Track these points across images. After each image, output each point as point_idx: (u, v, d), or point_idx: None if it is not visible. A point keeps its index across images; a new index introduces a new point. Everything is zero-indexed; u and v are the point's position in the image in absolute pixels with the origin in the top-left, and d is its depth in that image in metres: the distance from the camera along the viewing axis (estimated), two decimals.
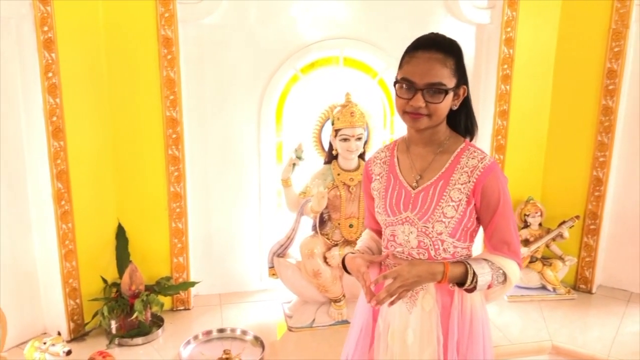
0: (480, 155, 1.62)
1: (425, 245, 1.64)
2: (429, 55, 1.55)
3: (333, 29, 3.10)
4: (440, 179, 1.63)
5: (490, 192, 1.60)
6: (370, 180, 1.78)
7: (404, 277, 1.51)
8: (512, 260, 1.64)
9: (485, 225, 1.66)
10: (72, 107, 2.60)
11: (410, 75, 1.55)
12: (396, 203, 1.68)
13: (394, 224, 1.68)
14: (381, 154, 1.79)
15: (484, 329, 1.72)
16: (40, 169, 2.59)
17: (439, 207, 1.61)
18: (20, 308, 2.66)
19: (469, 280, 1.56)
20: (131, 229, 2.95)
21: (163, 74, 2.80)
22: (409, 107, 1.56)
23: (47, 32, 2.46)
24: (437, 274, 1.56)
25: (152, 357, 2.63)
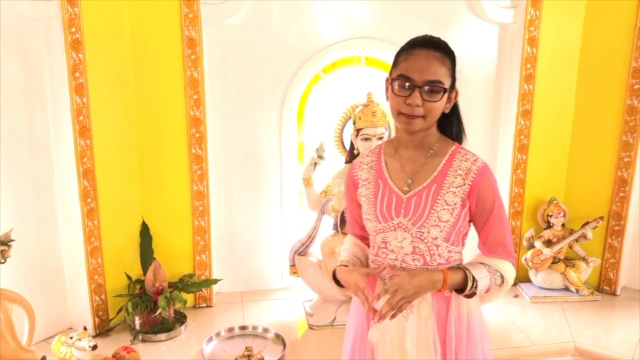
0: (472, 157, 1.61)
1: (420, 251, 1.60)
2: (428, 52, 1.54)
3: (355, 29, 3.11)
4: (434, 182, 1.60)
5: (485, 194, 1.59)
6: (356, 186, 1.73)
7: (405, 288, 1.49)
8: (507, 261, 1.64)
9: (480, 228, 1.65)
10: (98, 107, 2.65)
11: (408, 72, 1.52)
12: (387, 209, 1.64)
13: (385, 231, 1.64)
14: (367, 159, 1.74)
15: (481, 332, 1.71)
16: (67, 167, 2.64)
17: (434, 211, 1.58)
18: (46, 303, 2.70)
19: (469, 286, 1.55)
20: (155, 227, 2.99)
21: (187, 74, 2.84)
22: (406, 106, 1.52)
23: (74, 33, 2.51)
24: (438, 282, 1.53)
25: (175, 353, 2.67)
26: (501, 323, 2.92)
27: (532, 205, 3.31)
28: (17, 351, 2.26)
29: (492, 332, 2.81)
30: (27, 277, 2.59)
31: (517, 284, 3.34)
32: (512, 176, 3.25)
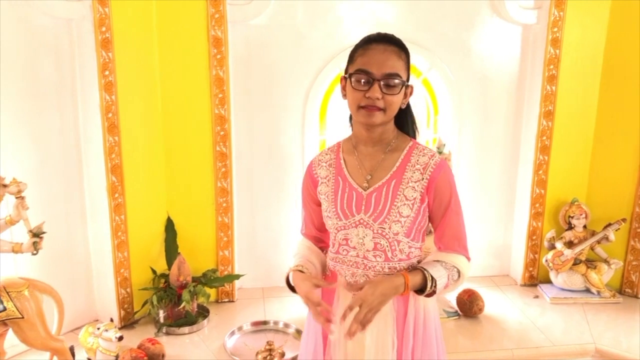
0: (429, 152, 1.62)
1: (382, 247, 1.61)
2: (384, 47, 1.55)
3: (378, 29, 3.10)
4: (393, 177, 1.61)
5: (442, 189, 1.60)
6: (315, 184, 1.73)
7: (369, 300, 1.48)
8: (462, 255, 1.65)
9: (437, 223, 1.66)
10: (126, 104, 2.71)
11: (366, 66, 1.53)
12: (347, 206, 1.64)
13: (346, 228, 1.64)
14: (325, 156, 1.73)
15: (436, 330, 1.72)
16: (96, 163, 2.71)
17: (394, 207, 1.59)
18: (74, 295, 2.76)
19: (428, 286, 1.55)
20: (180, 222, 3.06)
21: (212, 73, 2.90)
22: (365, 100, 1.52)
23: (104, 33, 2.58)
24: (400, 287, 1.53)
25: (197, 346, 2.72)
26: (521, 323, 2.93)
27: (554, 206, 3.31)
28: (48, 340, 2.33)
29: (512, 332, 2.83)
30: (56, 270, 2.66)
31: (538, 285, 3.34)
32: (533, 177, 3.25)
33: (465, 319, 2.96)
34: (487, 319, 2.97)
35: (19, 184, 2.18)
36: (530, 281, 3.39)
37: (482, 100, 3.29)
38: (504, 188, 3.42)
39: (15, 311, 2.21)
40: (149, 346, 2.52)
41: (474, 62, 3.23)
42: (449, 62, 3.20)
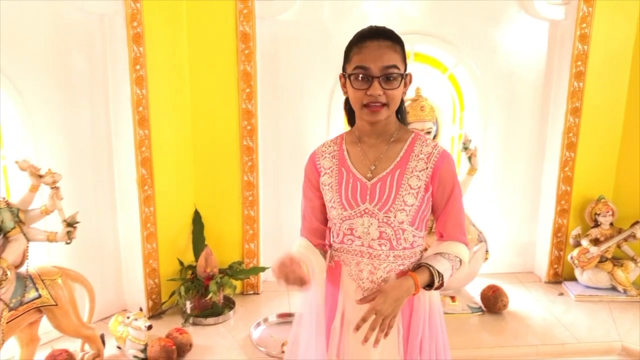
0: (432, 143, 1.66)
1: (387, 235, 1.63)
2: (378, 43, 1.56)
3: (404, 25, 3.14)
4: (397, 167, 1.63)
5: (446, 177, 1.63)
6: (318, 174, 1.74)
7: (383, 309, 1.52)
8: (461, 243, 1.69)
9: (439, 211, 1.68)
10: (156, 98, 2.77)
11: (363, 63, 1.54)
12: (352, 196, 1.66)
13: (351, 217, 1.66)
14: (328, 148, 1.75)
15: (440, 320, 1.76)
16: (126, 156, 2.77)
17: (399, 196, 1.61)
18: (103, 285, 2.81)
19: (436, 282, 1.60)
20: (207, 215, 3.11)
21: (240, 68, 2.93)
22: (367, 97, 1.54)
23: (136, 28, 2.63)
24: (411, 288, 1.57)
25: (224, 337, 2.77)
26: (545, 320, 2.92)
27: (580, 203, 3.29)
28: (80, 327, 2.39)
29: (537, 328, 2.83)
30: (86, 260, 2.71)
31: (562, 282, 3.32)
32: (559, 174, 3.23)
33: (489, 315, 2.96)
34: (512, 315, 2.96)
35: (54, 175, 2.24)
36: (554, 278, 3.37)
37: (508, 97, 3.28)
38: (529, 185, 3.41)
39: (49, 299, 2.27)
40: (176, 335, 2.57)
41: (501, 58, 3.22)
42: (475, 58, 3.19)
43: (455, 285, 2.97)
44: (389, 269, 1.66)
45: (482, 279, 3.11)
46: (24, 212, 2.25)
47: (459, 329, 2.81)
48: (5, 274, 2.10)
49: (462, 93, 3.35)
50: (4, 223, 2.17)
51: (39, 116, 2.50)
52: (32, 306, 2.24)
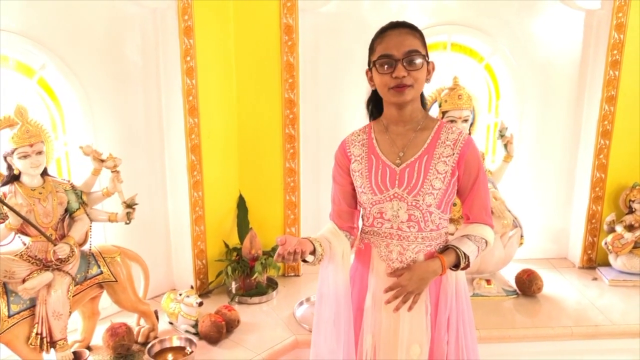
0: (457, 130, 1.78)
1: (415, 218, 1.76)
2: (399, 31, 1.71)
3: (442, 15, 3.22)
4: (425, 153, 1.75)
5: (471, 162, 1.76)
6: (348, 160, 1.86)
7: (407, 285, 1.70)
8: (487, 226, 1.83)
9: (465, 195, 1.81)
10: (205, 88, 2.90)
11: (387, 50, 1.67)
12: (382, 181, 1.77)
13: (381, 202, 1.78)
14: (358, 137, 1.88)
15: (466, 295, 1.90)
16: (177, 143, 2.91)
17: (427, 180, 1.73)
18: (154, 266, 2.91)
19: (462, 263, 1.75)
20: (250, 200, 3.24)
21: (283, 59, 3.05)
22: (392, 80, 1.67)
23: (187, 21, 2.76)
24: (437, 269, 1.74)
25: (269, 315, 2.90)
26: (579, 303, 2.99)
27: (614, 190, 3.34)
28: (137, 303, 2.56)
29: (571, 311, 2.90)
30: (139, 241, 2.83)
31: (596, 268, 3.39)
32: (594, 161, 3.28)
33: (523, 298, 3.04)
34: (546, 298, 3.04)
35: (114, 159, 2.39)
36: (588, 264, 3.43)
37: (543, 85, 3.33)
38: (563, 172, 3.46)
39: (110, 275, 2.43)
40: (225, 312, 2.71)
41: (536, 48, 3.27)
42: (511, 47, 3.25)
43: (490, 269, 3.05)
44: (417, 250, 1.79)
45: (517, 264, 3.19)
46: (86, 195, 2.41)
47: (494, 311, 2.90)
48: (72, 250, 2.27)
49: (498, 82, 3.41)
50: (70, 204, 2.34)
51: (98, 105, 2.65)
52: (94, 282, 2.40)
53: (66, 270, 2.27)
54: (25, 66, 2.47)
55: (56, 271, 2.24)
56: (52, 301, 2.20)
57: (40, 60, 2.46)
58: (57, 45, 2.47)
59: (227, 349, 2.58)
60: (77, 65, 2.55)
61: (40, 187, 2.24)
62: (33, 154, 2.16)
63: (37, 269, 2.20)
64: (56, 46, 2.46)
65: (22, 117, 2.16)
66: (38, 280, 2.16)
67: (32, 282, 2.15)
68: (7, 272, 2.13)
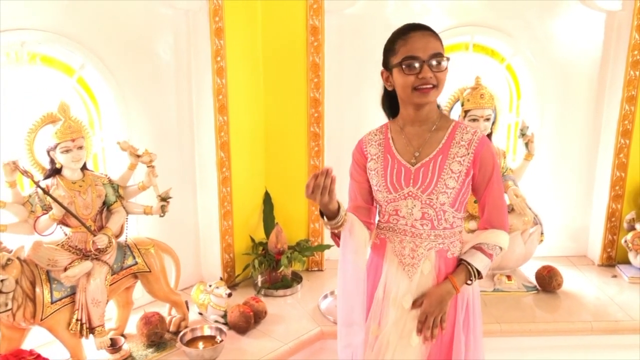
0: (472, 130, 1.81)
1: (429, 216, 1.80)
2: (422, 32, 1.74)
3: (464, 17, 3.28)
4: (439, 153, 1.79)
5: (486, 162, 1.79)
6: (365, 158, 1.91)
7: (431, 311, 1.78)
8: (501, 230, 1.85)
9: (480, 193, 1.84)
10: (234, 87, 3.00)
11: (412, 52, 1.70)
12: (397, 180, 1.81)
13: (396, 200, 1.82)
14: (374, 136, 1.93)
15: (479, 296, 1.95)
16: (207, 140, 3.01)
17: (441, 179, 1.77)
18: (183, 258, 2.97)
19: (473, 280, 1.83)
20: (276, 196, 3.34)
21: (309, 59, 3.14)
22: (418, 80, 1.70)
23: (217, 22, 2.86)
24: (451, 290, 1.80)
25: (294, 307, 2.99)
26: (599, 299, 3.03)
27: (634, 189, 3.38)
28: (169, 293, 2.66)
29: (590, 307, 2.95)
30: (169, 235, 2.92)
31: (616, 265, 3.43)
32: (614, 160, 3.32)
33: (543, 294, 3.09)
34: (565, 294, 3.09)
35: (150, 155, 2.50)
36: (608, 262, 3.47)
37: (564, 85, 3.38)
38: (583, 171, 3.51)
39: (144, 265, 2.54)
40: (253, 303, 2.81)
41: (557, 49, 3.33)
42: (532, 48, 3.31)
43: (511, 265, 3.11)
44: (429, 247, 1.83)
45: (537, 261, 3.24)
46: (123, 188, 2.53)
47: (514, 306, 2.95)
48: (110, 241, 2.38)
49: (519, 82, 3.47)
50: (107, 197, 2.45)
51: (133, 103, 2.76)
52: (129, 272, 2.51)
53: (104, 260, 2.38)
54: (65, 66, 2.59)
55: (95, 261, 2.35)
56: (91, 289, 2.30)
57: (79, 60, 2.57)
58: (95, 45, 2.58)
59: (255, 338, 2.67)
60: (114, 65, 2.66)
61: (80, 181, 2.36)
62: (74, 148, 2.28)
63: (78, 258, 2.31)
64: (95, 47, 2.58)
65: (64, 114, 2.27)
66: (79, 269, 2.27)
67: (73, 271, 2.26)
68: (50, 261, 2.24)
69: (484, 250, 1.83)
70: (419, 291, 1.84)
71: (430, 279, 1.84)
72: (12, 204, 2.21)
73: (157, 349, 2.54)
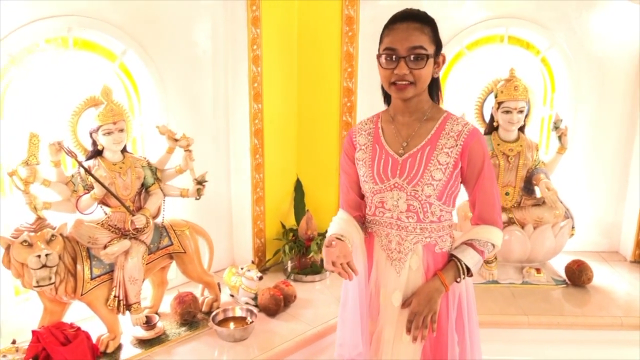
0: (463, 121, 1.76)
1: (414, 208, 1.76)
2: (407, 25, 1.68)
3: (499, 8, 3.27)
4: (427, 144, 1.74)
5: (475, 154, 1.73)
6: (354, 149, 1.86)
7: (421, 310, 1.71)
8: (494, 227, 1.80)
9: (471, 188, 1.79)
10: (269, 75, 3.06)
11: (391, 44, 1.66)
12: (383, 171, 1.77)
13: (382, 191, 1.78)
14: (365, 126, 1.88)
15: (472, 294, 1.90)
16: (241, 127, 3.08)
17: (427, 171, 1.72)
18: (216, 242, 3.02)
19: (461, 277, 1.77)
20: (307, 183, 3.39)
21: (343, 49, 3.17)
22: (394, 76, 1.66)
23: (255, 11, 2.91)
24: (440, 287, 1.75)
25: (323, 292, 3.04)
26: (630, 294, 3.01)
27: None
28: (203, 274, 2.74)
29: (621, 302, 2.93)
30: (204, 217, 2.99)
31: None
32: None
33: (573, 288, 3.08)
34: (595, 289, 3.07)
35: (188, 139, 2.57)
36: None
37: (600, 79, 3.35)
38: (617, 166, 3.47)
39: (179, 246, 2.62)
40: (283, 287, 2.86)
41: (594, 42, 3.29)
42: (568, 41, 3.28)
43: (540, 258, 3.11)
44: (416, 241, 1.80)
45: (567, 255, 3.23)
46: (161, 171, 2.61)
47: (543, 299, 2.95)
48: (148, 221, 2.46)
49: (554, 75, 3.45)
50: (146, 179, 2.53)
51: (171, 89, 2.84)
52: (165, 252, 2.59)
53: (142, 239, 2.46)
54: (108, 51, 2.68)
55: (133, 240, 2.43)
56: (129, 267, 2.39)
57: (121, 46, 2.66)
58: (137, 32, 2.66)
59: (284, 321, 2.73)
60: (154, 51, 2.74)
61: (120, 162, 2.44)
62: (116, 131, 2.36)
63: (117, 237, 2.40)
64: (136, 33, 2.66)
65: (107, 97, 2.35)
66: (118, 247, 2.36)
67: (112, 248, 2.34)
68: (91, 239, 2.33)
69: (475, 247, 1.79)
70: (408, 288, 1.81)
71: (419, 276, 1.81)
72: (56, 183, 2.31)
73: (189, 328, 2.62)
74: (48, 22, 2.35)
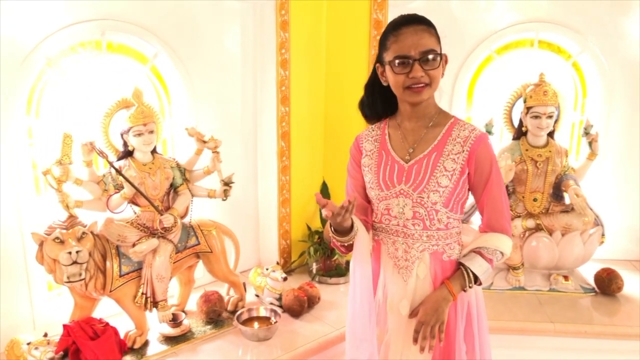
0: (470, 127, 1.73)
1: (420, 215, 1.73)
2: (414, 28, 1.66)
3: (530, 12, 3.24)
4: (434, 150, 1.72)
5: (483, 160, 1.70)
6: (360, 154, 1.87)
7: (428, 320, 1.68)
8: (502, 234, 1.77)
9: (479, 194, 1.76)
10: (296, 79, 3.09)
11: (403, 51, 1.64)
12: (389, 177, 1.76)
13: (388, 198, 1.76)
14: (372, 132, 1.88)
15: (481, 302, 1.87)
16: (269, 130, 3.12)
17: (433, 177, 1.70)
18: (242, 242, 3.06)
19: (468, 286, 1.74)
20: (333, 187, 3.40)
21: (371, 53, 3.18)
22: (409, 80, 1.64)
23: (283, 15, 2.95)
24: (447, 296, 1.72)
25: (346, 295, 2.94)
26: None
27: None
28: (229, 273, 2.78)
29: None
30: (231, 218, 3.04)
31: None
32: None
33: (602, 296, 3.02)
34: (625, 298, 3.01)
35: (215, 141, 2.62)
36: None
37: (633, 85, 3.28)
38: None
39: (206, 246, 2.66)
40: (307, 288, 2.88)
41: (628, 47, 3.23)
42: (601, 46, 3.23)
43: (569, 265, 3.06)
44: (422, 249, 1.77)
45: (596, 263, 3.17)
46: (189, 172, 2.66)
47: (570, 307, 2.90)
48: (176, 221, 2.51)
49: (585, 80, 3.39)
50: (174, 179, 2.59)
51: (201, 92, 2.90)
52: (192, 251, 2.64)
53: (169, 238, 2.51)
54: (140, 54, 2.75)
55: (161, 239, 2.49)
56: (157, 265, 2.45)
57: (153, 50, 2.72)
58: (168, 36, 2.73)
59: (308, 322, 2.75)
60: (184, 55, 2.80)
61: (150, 163, 2.50)
62: (146, 132, 2.42)
63: (145, 236, 2.46)
64: (167, 37, 2.72)
65: (138, 99, 2.42)
66: (146, 245, 2.41)
67: (141, 247, 2.40)
68: (120, 237, 2.39)
69: (484, 255, 1.76)
70: (416, 296, 1.78)
71: (427, 284, 1.78)
72: (87, 182, 2.38)
73: (214, 326, 2.66)
74: (83, 25, 2.44)
